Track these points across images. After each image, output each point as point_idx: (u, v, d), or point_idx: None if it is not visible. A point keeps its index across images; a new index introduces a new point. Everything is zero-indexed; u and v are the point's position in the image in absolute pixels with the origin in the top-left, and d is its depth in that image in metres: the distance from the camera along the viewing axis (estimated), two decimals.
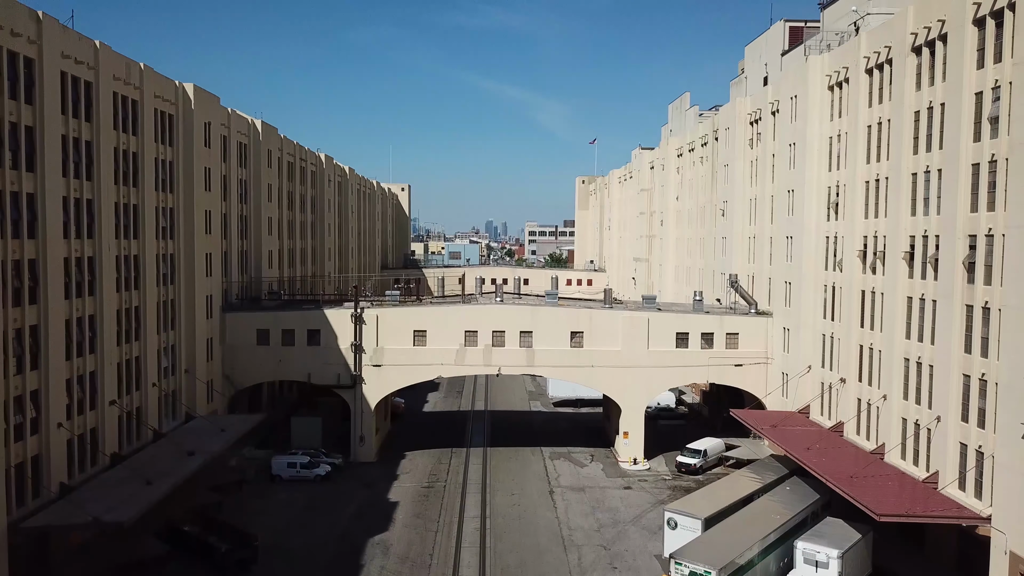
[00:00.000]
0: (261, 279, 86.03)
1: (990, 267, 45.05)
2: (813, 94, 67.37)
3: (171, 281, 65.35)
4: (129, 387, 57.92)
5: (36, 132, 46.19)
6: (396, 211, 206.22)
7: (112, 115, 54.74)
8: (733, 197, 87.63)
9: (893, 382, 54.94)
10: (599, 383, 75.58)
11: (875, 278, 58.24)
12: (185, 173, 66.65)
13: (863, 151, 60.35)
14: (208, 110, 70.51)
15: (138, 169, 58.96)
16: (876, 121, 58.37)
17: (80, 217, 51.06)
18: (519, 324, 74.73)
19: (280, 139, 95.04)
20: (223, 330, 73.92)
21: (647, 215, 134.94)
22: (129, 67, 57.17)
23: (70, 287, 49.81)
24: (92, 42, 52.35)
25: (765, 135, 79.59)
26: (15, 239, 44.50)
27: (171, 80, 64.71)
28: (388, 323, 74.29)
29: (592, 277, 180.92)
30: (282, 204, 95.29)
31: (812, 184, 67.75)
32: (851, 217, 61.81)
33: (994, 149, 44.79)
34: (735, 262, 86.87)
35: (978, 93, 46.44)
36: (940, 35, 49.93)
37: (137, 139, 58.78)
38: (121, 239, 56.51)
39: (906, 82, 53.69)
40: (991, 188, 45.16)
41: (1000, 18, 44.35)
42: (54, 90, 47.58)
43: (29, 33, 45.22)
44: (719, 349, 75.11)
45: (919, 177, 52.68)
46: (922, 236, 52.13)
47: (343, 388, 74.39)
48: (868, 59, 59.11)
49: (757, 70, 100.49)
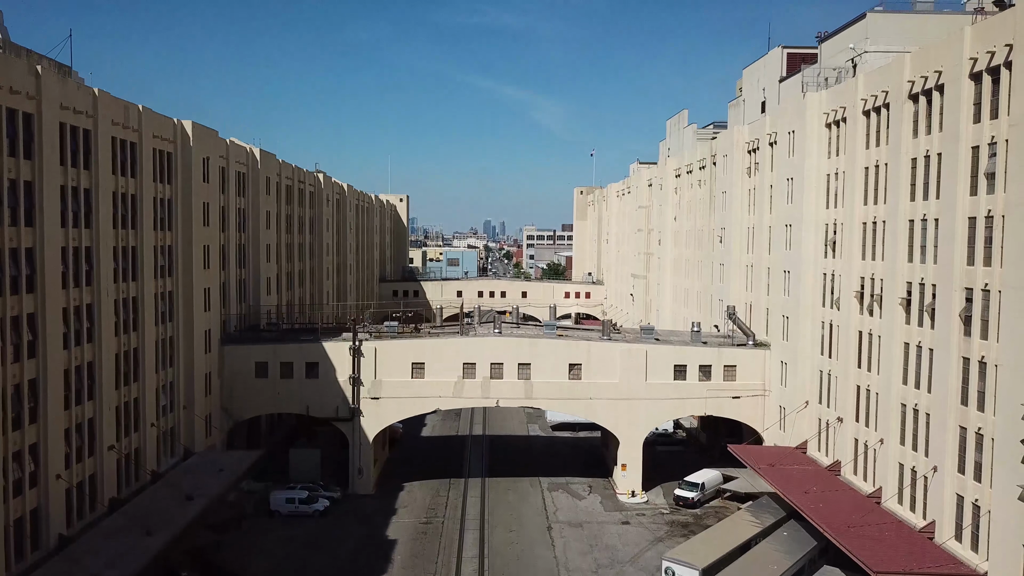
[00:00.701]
0: (259, 307, 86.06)
1: (987, 322, 45.20)
2: (811, 130, 67.51)
3: (169, 319, 65.40)
4: (128, 429, 58.00)
5: (35, 186, 46.26)
6: (394, 222, 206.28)
7: (111, 161, 54.81)
8: (731, 224, 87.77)
9: (890, 426, 55.11)
10: (597, 415, 75.73)
11: (872, 320, 58.41)
12: (184, 210, 66.69)
13: (860, 192, 60.51)
14: (206, 145, 70.55)
15: (137, 211, 58.99)
16: (873, 163, 58.53)
17: (79, 266, 51.10)
18: (517, 356, 74.84)
19: (278, 164, 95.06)
20: (222, 363, 73.95)
21: (645, 232, 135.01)
22: (127, 110, 57.23)
23: (69, 337, 49.86)
24: (91, 90, 52.45)
25: (763, 165, 79.70)
26: (14, 295, 44.53)
27: (169, 118, 64.74)
28: (386, 356, 74.41)
29: (590, 290, 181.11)
30: (280, 229, 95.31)
31: (810, 220, 67.89)
32: (848, 256, 61.97)
33: (991, 205, 44.94)
34: (732, 289, 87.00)
35: (974, 147, 46.60)
36: (937, 85, 50.10)
37: (135, 181, 58.81)
38: (120, 282, 56.56)
39: (903, 128, 53.86)
40: (987, 243, 45.32)
41: (996, 75, 44.52)
42: (53, 143, 47.65)
43: (28, 89, 45.27)
44: (717, 381, 75.28)
45: (916, 224, 52.85)
46: (919, 283, 52.28)
47: (341, 421, 74.51)
48: (865, 101, 59.26)
49: (755, 94, 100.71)
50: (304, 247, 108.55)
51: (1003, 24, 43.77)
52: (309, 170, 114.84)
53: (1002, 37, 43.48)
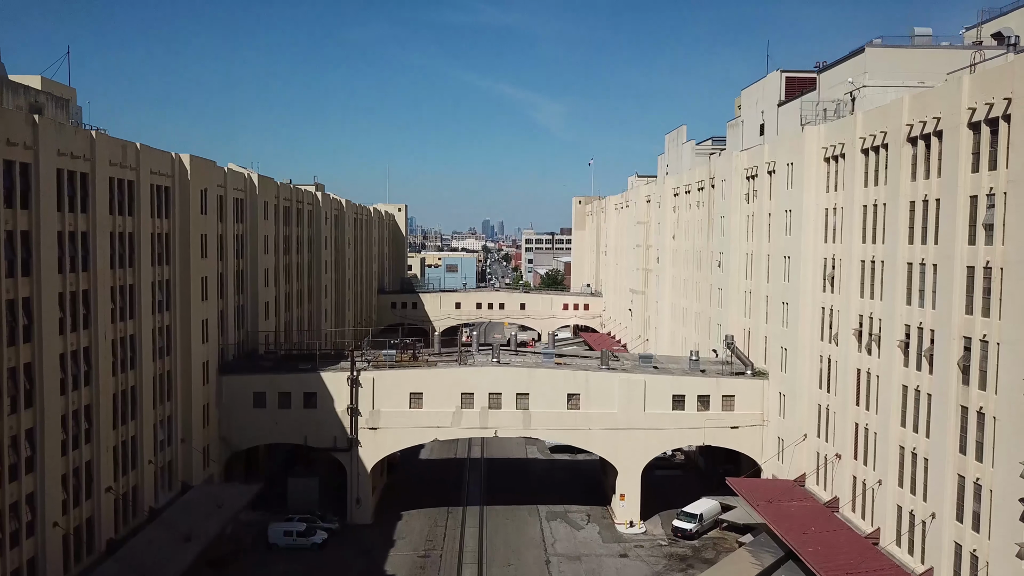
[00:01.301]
0: (257, 332, 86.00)
1: (985, 373, 45.17)
2: (809, 164, 67.49)
3: (167, 352, 65.30)
4: (125, 468, 57.92)
5: (32, 235, 46.19)
6: (393, 232, 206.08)
7: (108, 202, 54.73)
8: (729, 250, 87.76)
9: (888, 467, 55.12)
10: (596, 445, 75.70)
11: (871, 359, 58.38)
12: (182, 243, 66.59)
13: (859, 229, 60.46)
14: (204, 176, 70.44)
15: (135, 249, 58.89)
16: (872, 202, 58.49)
17: (76, 310, 51.01)
18: (515, 386, 74.79)
19: (276, 187, 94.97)
20: (220, 393, 73.84)
21: (643, 248, 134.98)
22: (125, 150, 57.14)
23: (66, 383, 49.79)
24: (88, 133, 52.42)
25: (761, 192, 79.67)
26: (11, 346, 44.44)
27: (167, 153, 64.62)
28: (384, 386, 74.32)
29: (588, 302, 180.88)
30: (278, 251, 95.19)
31: (808, 254, 67.85)
32: (847, 292, 61.95)
33: (989, 256, 44.91)
34: (731, 314, 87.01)
35: (973, 196, 46.56)
36: (935, 131, 50.05)
37: (133, 219, 58.72)
38: (117, 323, 56.46)
39: (901, 171, 53.83)
40: (986, 294, 45.28)
41: (995, 126, 44.46)
42: (50, 191, 47.57)
43: (25, 139, 45.21)
44: (715, 411, 75.23)
45: (914, 267, 52.82)
46: (917, 327, 52.26)
47: (339, 451, 74.43)
48: (864, 140, 59.22)
49: (754, 116, 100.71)
50: (302, 267, 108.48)
51: (1001, 76, 43.76)
52: (307, 181, 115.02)
53: (1000, 89, 43.45)
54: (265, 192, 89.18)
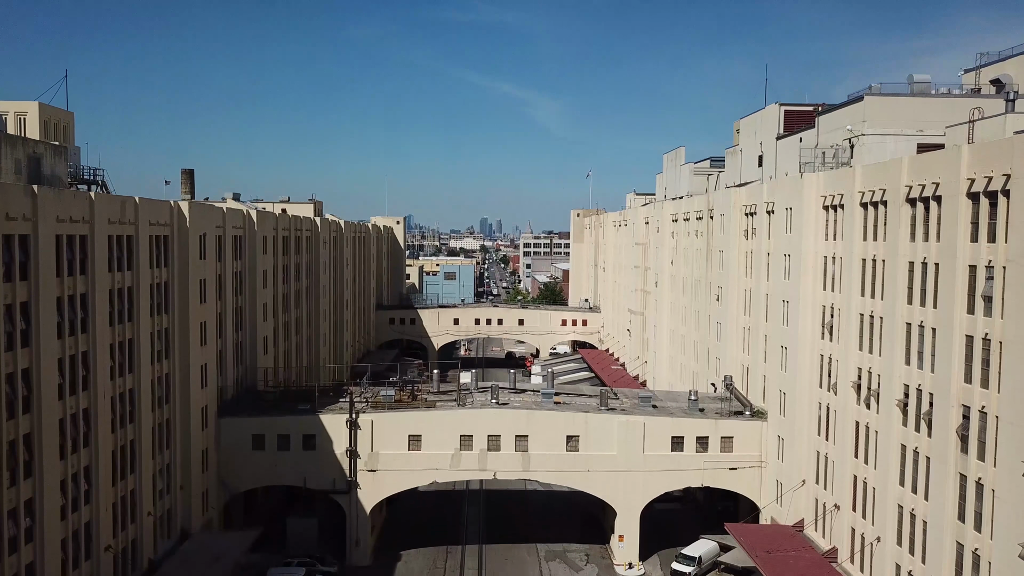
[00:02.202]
0: (256, 368, 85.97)
1: (983, 444, 45.27)
2: (808, 211, 67.49)
3: (167, 401, 65.27)
4: (124, 523, 57.91)
5: (31, 305, 46.12)
6: (391, 246, 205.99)
7: (107, 260, 54.64)
8: (728, 285, 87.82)
9: (887, 524, 55.23)
10: (594, 487, 75.74)
11: (869, 413, 58.44)
12: (180, 291, 66.52)
13: (858, 282, 60.48)
14: (203, 221, 70.36)
15: (134, 303, 58.85)
16: (871, 257, 58.50)
17: (75, 374, 50.97)
18: (514, 428, 74.83)
19: (274, 219, 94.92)
20: (219, 436, 73.79)
21: (642, 270, 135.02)
22: (124, 206, 57.07)
23: (65, 448, 49.78)
24: (87, 196, 52.34)
25: (760, 231, 79.67)
26: (11, 419, 44.41)
27: (166, 202, 64.58)
28: (383, 428, 74.33)
29: (587, 318, 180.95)
30: (277, 283, 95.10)
31: (807, 300, 67.89)
32: (845, 343, 61.99)
33: (988, 328, 44.98)
34: (730, 349, 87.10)
35: (972, 266, 46.60)
36: (934, 195, 50.09)
37: (132, 273, 58.65)
38: (116, 379, 56.42)
39: (900, 231, 53.86)
40: (985, 365, 45.34)
41: (994, 199, 44.51)
42: (49, 259, 47.52)
43: (24, 211, 45.15)
44: (714, 453, 75.31)
45: (913, 328, 52.87)
46: (916, 388, 52.32)
47: (338, 493, 74.44)
48: (863, 194, 59.23)
49: (752, 146, 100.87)
50: (301, 294, 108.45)
51: (1000, 151, 43.82)
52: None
53: (1000, 164, 43.51)
54: (263, 226, 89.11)
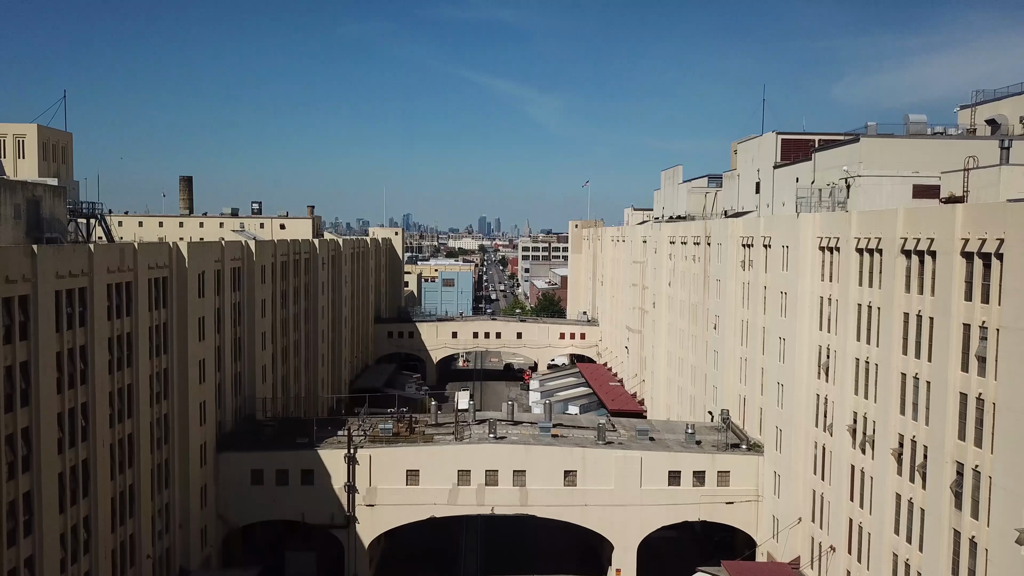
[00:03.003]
0: (255, 397, 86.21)
1: (977, 503, 45.57)
2: (804, 250, 67.76)
3: (166, 442, 65.50)
4: (124, 569, 58.16)
5: (31, 364, 46.33)
6: (389, 257, 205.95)
7: (106, 310, 54.85)
8: (725, 314, 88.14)
9: (883, 572, 55.52)
10: (592, 521, 76.07)
11: (865, 458, 58.75)
12: (179, 330, 66.73)
13: (853, 326, 60.75)
14: (201, 259, 70.51)
15: (133, 348, 59.06)
16: (867, 303, 58.77)
17: (75, 426, 51.21)
18: (512, 463, 75.14)
19: (273, 246, 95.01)
20: (217, 471, 74.01)
21: (640, 288, 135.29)
22: (123, 253, 57.26)
23: (64, 501, 49.98)
24: (86, 249, 52.47)
25: (757, 263, 79.95)
26: (10, 480, 44.63)
27: (164, 244, 64.82)
28: (381, 463, 74.64)
29: (585, 331, 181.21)
30: (275, 309, 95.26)
31: (803, 340, 68.19)
32: (841, 386, 62.29)
33: (981, 388, 45.26)
34: (727, 378, 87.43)
35: (966, 324, 46.88)
36: (929, 250, 50.35)
37: (131, 318, 58.87)
38: (115, 426, 56.65)
39: (896, 281, 54.12)
40: (979, 424, 45.64)
41: (988, 260, 44.79)
42: (49, 317, 47.73)
43: (24, 272, 45.35)
44: (711, 487, 75.65)
45: (908, 379, 53.15)
46: (911, 439, 52.63)
47: (337, 527, 74.74)
48: (858, 239, 59.50)
49: (749, 172, 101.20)
50: (299, 317, 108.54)
51: (994, 214, 44.11)
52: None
53: (994, 227, 43.79)
54: (262, 256, 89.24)
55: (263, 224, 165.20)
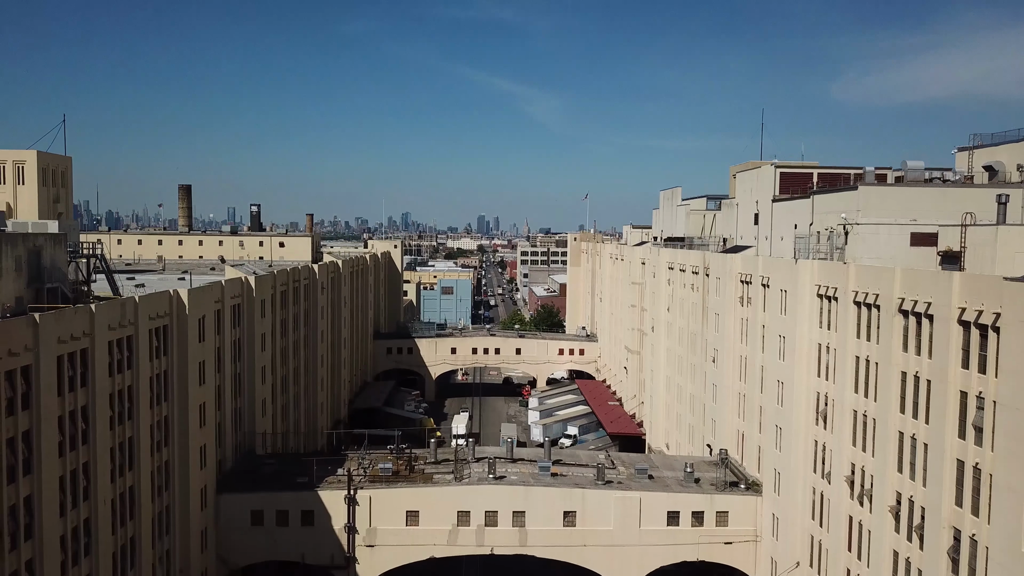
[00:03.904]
0: (255, 432, 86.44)
1: (974, 570, 45.85)
2: (803, 296, 68.04)
3: (166, 489, 65.70)
4: None
5: (33, 432, 46.53)
6: (388, 270, 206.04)
7: (107, 367, 55.02)
8: (723, 349, 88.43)
9: None
10: (591, 561, 76.34)
11: (862, 511, 59.04)
12: (180, 377, 66.90)
13: (851, 378, 61.01)
14: (201, 304, 70.70)
15: (133, 401, 59.25)
16: (864, 356, 59.04)
17: (76, 486, 51.39)
18: (511, 504, 75.41)
19: (272, 278, 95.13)
20: (218, 512, 74.21)
21: (638, 309, 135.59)
22: (124, 308, 57.44)
23: (66, 562, 50.18)
24: (87, 310, 52.61)
25: (756, 301, 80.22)
26: (12, 551, 44.84)
27: (165, 293, 64.94)
28: (381, 504, 74.88)
29: (584, 347, 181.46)
30: (275, 340, 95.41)
31: (801, 385, 68.47)
32: (840, 435, 62.55)
33: (978, 458, 45.54)
34: (726, 412, 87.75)
35: (963, 392, 47.16)
36: (927, 313, 50.62)
37: (132, 371, 59.06)
38: (117, 482, 56.84)
39: (893, 339, 54.39)
40: (975, 493, 45.93)
41: (985, 332, 45.06)
42: (50, 383, 47.94)
43: (26, 342, 45.52)
44: (709, 527, 75.95)
45: (906, 438, 53.43)
46: (908, 499, 52.91)
47: (337, 568, 74.99)
48: (856, 293, 59.76)
49: (748, 202, 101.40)
50: (299, 344, 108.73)
51: (991, 287, 44.35)
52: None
53: (990, 300, 44.05)
54: (261, 290, 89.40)
55: (262, 243, 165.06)
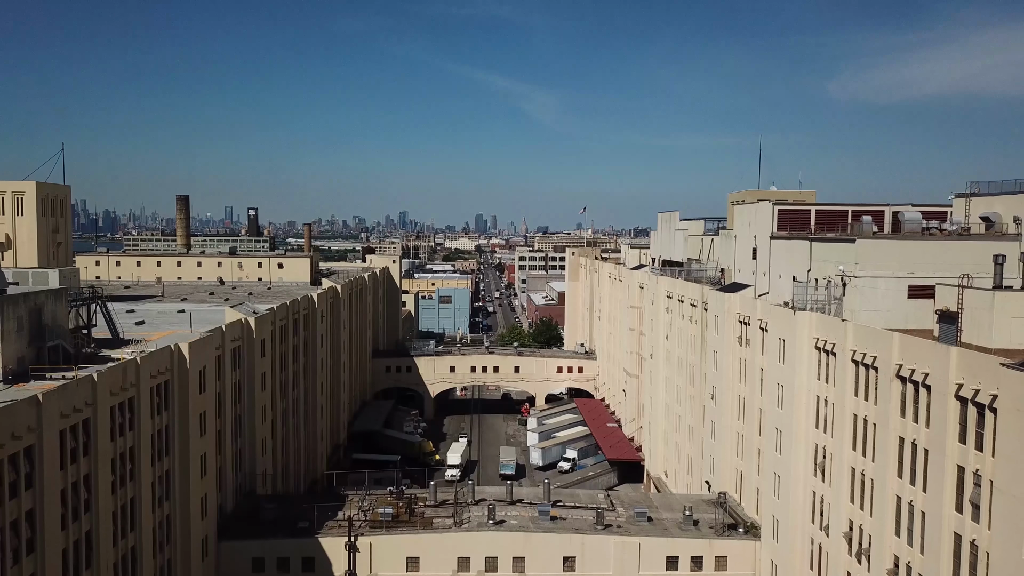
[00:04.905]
0: (255, 473, 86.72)
1: None
2: (801, 347, 68.36)
3: (168, 542, 65.93)
4: None
5: (36, 511, 46.74)
6: (387, 286, 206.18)
7: (109, 432, 55.21)
8: (722, 387, 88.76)
9: None
10: None
11: (861, 569, 59.42)
12: (181, 431, 67.11)
13: (849, 434, 61.38)
14: (202, 355, 70.88)
15: (135, 462, 59.45)
16: (862, 415, 59.38)
17: (79, 557, 51.59)
18: (511, 550, 75.75)
19: (272, 315, 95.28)
20: (219, 561, 74.48)
21: (637, 333, 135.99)
22: (125, 372, 57.63)
23: None
24: (89, 380, 52.79)
25: (754, 342, 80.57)
26: None
27: (166, 348, 65.13)
28: (381, 550, 75.21)
29: (583, 365, 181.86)
30: (275, 375, 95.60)
31: (800, 436, 68.83)
32: (838, 490, 62.90)
33: (975, 534, 45.91)
34: (724, 451, 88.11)
35: (960, 467, 47.51)
36: (924, 383, 50.94)
37: (134, 432, 59.27)
38: (119, 541, 57.07)
39: (891, 403, 54.73)
40: (972, 569, 46.29)
41: (982, 410, 45.38)
42: (53, 459, 48.12)
43: (30, 423, 45.73)
44: (708, 571, 76.34)
45: (903, 503, 53.81)
46: (906, 565, 53.29)
47: None
48: (854, 351, 60.08)
49: (746, 236, 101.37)
50: (298, 375, 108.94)
51: (986, 367, 44.67)
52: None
53: (988, 380, 44.37)
54: (261, 330, 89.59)
55: (261, 263, 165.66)
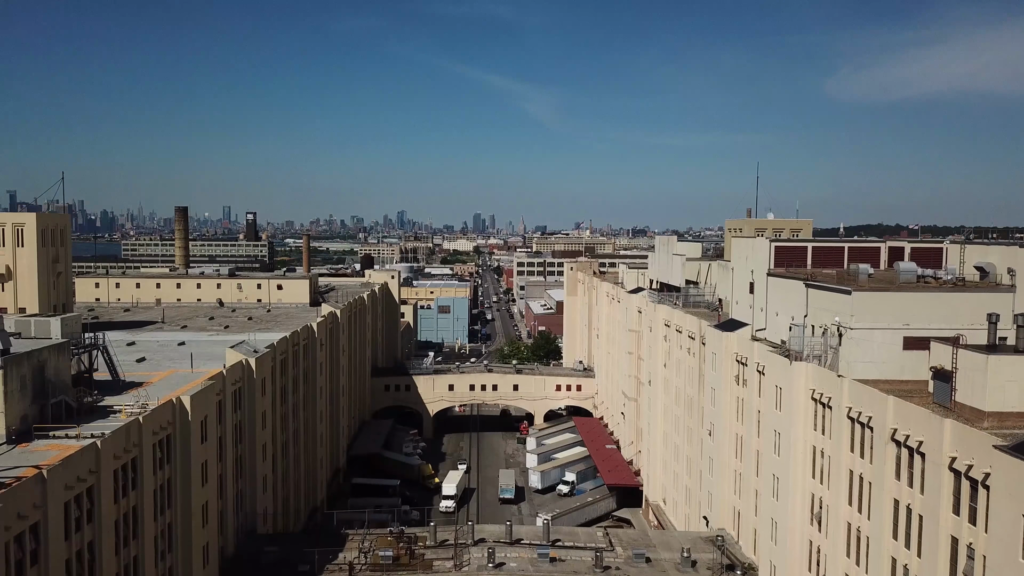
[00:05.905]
0: (256, 512, 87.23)
1: None
2: (797, 396, 68.97)
3: None
4: None
5: None
6: (386, 303, 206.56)
7: (113, 495, 55.68)
8: (719, 424, 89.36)
9: None
10: None
11: None
12: (183, 483, 67.57)
13: (845, 489, 61.99)
14: (204, 405, 71.33)
15: (138, 520, 59.94)
16: (858, 473, 60.01)
17: None
18: None
19: (273, 352, 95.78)
20: None
21: (635, 357, 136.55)
22: (128, 433, 58.10)
23: None
24: (93, 447, 53.25)
25: (751, 383, 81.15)
26: None
27: (168, 403, 65.60)
28: None
29: (581, 382, 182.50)
30: (276, 411, 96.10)
31: (796, 484, 69.45)
32: (834, 543, 63.52)
33: None
34: (722, 488, 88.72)
35: (954, 538, 48.13)
36: (918, 449, 51.56)
37: (136, 492, 59.77)
38: None
39: (886, 466, 55.35)
40: None
41: (975, 485, 45.99)
42: (58, 533, 48.56)
43: (35, 500, 46.22)
44: None
45: (899, 567, 54.43)
46: None
47: None
48: (850, 408, 60.69)
49: (744, 270, 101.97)
50: (298, 405, 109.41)
51: (980, 445, 45.27)
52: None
53: (981, 458, 44.97)
54: (261, 369, 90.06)
55: (260, 285, 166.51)
